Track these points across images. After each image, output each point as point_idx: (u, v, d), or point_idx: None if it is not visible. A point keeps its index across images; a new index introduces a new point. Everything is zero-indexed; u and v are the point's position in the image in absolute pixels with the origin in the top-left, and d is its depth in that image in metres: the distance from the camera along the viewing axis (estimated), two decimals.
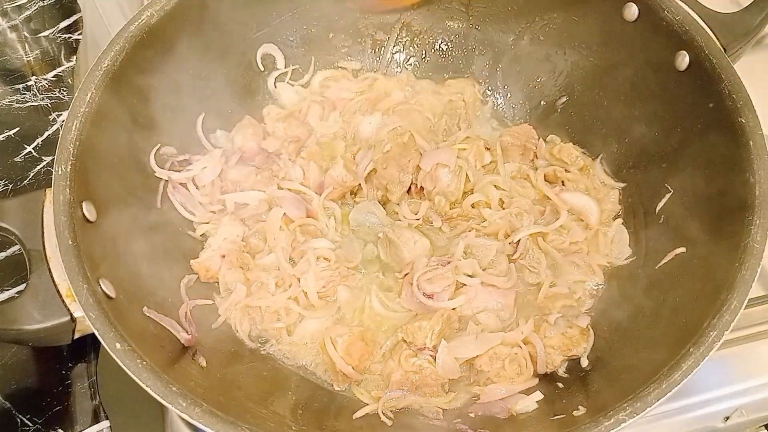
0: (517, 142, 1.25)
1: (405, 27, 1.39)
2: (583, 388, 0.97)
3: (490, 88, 1.39)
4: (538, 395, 0.97)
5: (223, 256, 1.11)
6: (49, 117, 1.28)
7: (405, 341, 1.05)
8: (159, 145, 1.11)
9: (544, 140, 1.29)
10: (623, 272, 1.13)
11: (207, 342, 1.00)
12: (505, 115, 1.38)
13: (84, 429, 0.92)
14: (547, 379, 1.03)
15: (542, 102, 1.34)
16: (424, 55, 1.41)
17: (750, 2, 1.09)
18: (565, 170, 1.23)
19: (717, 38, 1.04)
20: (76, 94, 0.95)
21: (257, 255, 1.14)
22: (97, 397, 0.95)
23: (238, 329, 1.06)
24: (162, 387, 0.76)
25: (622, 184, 1.21)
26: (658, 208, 1.12)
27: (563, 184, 1.23)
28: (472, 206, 1.19)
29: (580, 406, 0.87)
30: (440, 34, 1.39)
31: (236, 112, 1.29)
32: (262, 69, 1.32)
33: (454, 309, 1.06)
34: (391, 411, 0.99)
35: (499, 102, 1.38)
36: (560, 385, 1.01)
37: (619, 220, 1.18)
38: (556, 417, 0.90)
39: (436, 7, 1.36)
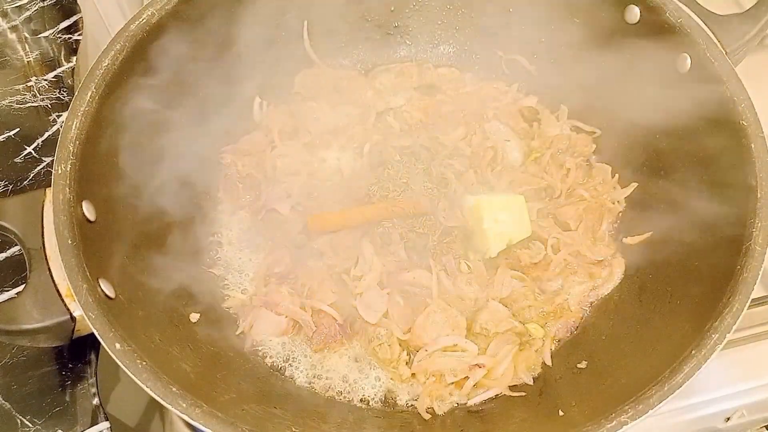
0: None
1: None
2: (578, 388, 0.97)
3: None
4: None
5: None
6: (49, 118, 1.27)
7: None
8: None
9: None
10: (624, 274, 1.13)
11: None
12: None
13: (84, 429, 0.92)
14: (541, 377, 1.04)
15: None
16: None
17: (752, 5, 1.09)
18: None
19: (718, 41, 1.04)
20: (76, 93, 0.94)
21: None
22: (97, 397, 0.95)
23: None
24: (162, 387, 0.76)
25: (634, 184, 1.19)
26: (656, 208, 1.12)
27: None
28: None
29: (571, 406, 0.88)
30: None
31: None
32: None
33: None
34: None
35: None
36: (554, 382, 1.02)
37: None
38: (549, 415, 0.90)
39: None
